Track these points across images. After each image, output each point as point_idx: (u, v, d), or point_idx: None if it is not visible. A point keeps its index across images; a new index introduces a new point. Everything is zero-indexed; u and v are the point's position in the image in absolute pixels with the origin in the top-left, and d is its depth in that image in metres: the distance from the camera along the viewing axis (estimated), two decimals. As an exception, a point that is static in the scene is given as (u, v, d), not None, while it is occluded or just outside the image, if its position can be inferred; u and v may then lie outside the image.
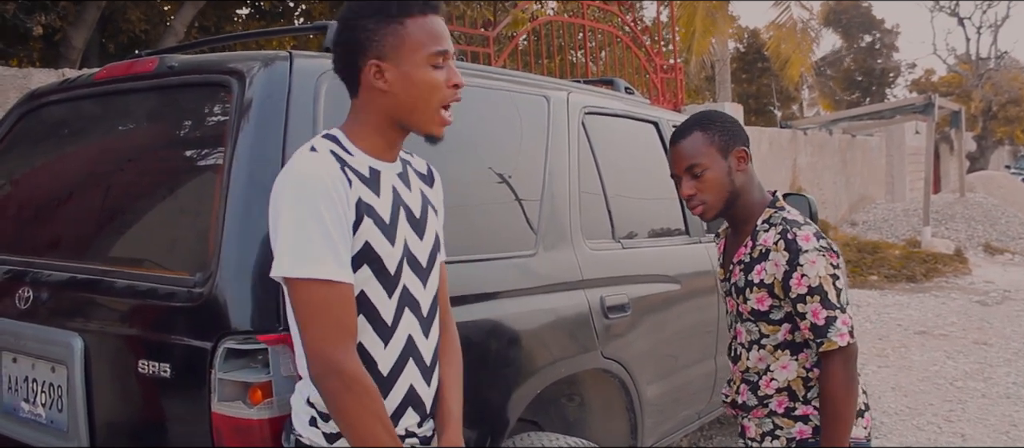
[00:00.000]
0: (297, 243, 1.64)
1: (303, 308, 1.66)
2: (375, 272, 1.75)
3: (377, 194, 1.77)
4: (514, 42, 9.73)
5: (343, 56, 1.80)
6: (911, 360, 7.60)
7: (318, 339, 1.65)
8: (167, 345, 2.17)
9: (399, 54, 1.75)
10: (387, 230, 1.77)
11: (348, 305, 1.68)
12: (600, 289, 3.11)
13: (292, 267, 1.64)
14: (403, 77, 1.76)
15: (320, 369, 1.65)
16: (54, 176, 2.92)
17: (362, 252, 1.73)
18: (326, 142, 1.78)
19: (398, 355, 1.81)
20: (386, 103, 1.78)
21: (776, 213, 2.31)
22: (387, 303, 1.78)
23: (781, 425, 2.32)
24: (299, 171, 1.70)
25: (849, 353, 2.18)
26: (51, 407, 2.48)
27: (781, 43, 19.88)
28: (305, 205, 1.65)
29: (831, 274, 2.19)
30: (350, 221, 1.70)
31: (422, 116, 1.80)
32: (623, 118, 3.78)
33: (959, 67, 36.24)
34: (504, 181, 2.95)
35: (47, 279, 2.57)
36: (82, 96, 2.88)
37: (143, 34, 9.46)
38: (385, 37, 1.75)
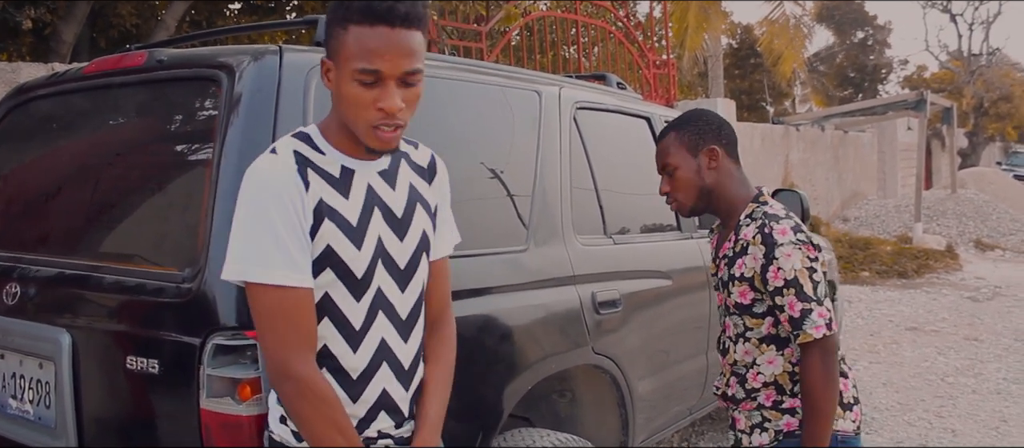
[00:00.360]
0: (246, 246, 1.61)
1: (256, 312, 1.63)
2: (340, 276, 1.70)
3: (346, 196, 1.71)
4: (507, 37, 9.71)
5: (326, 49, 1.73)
6: (902, 356, 7.62)
7: (271, 344, 1.62)
8: (155, 341, 2.15)
9: (337, 60, 1.65)
10: (353, 233, 1.70)
11: (303, 310, 1.64)
12: (591, 285, 3.10)
13: (241, 271, 1.62)
14: (336, 83, 1.67)
15: (274, 374, 1.64)
16: (42, 171, 2.90)
17: (323, 255, 1.68)
18: (293, 142, 1.72)
19: (369, 359, 1.76)
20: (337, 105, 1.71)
21: (758, 208, 2.35)
22: (355, 307, 1.73)
23: (769, 417, 2.36)
24: (252, 174, 1.66)
25: (827, 345, 2.19)
26: (39, 404, 2.46)
27: (774, 39, 19.87)
28: (254, 208, 1.62)
29: (807, 267, 2.21)
30: (306, 224, 1.65)
31: (355, 128, 1.68)
32: (615, 113, 3.77)
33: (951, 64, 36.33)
34: (495, 176, 2.94)
35: (35, 275, 2.55)
36: (71, 90, 2.86)
37: (134, 29, 9.42)
38: (332, 39, 1.66)
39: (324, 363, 1.71)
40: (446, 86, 2.85)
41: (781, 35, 19.66)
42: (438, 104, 2.79)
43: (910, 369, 7.14)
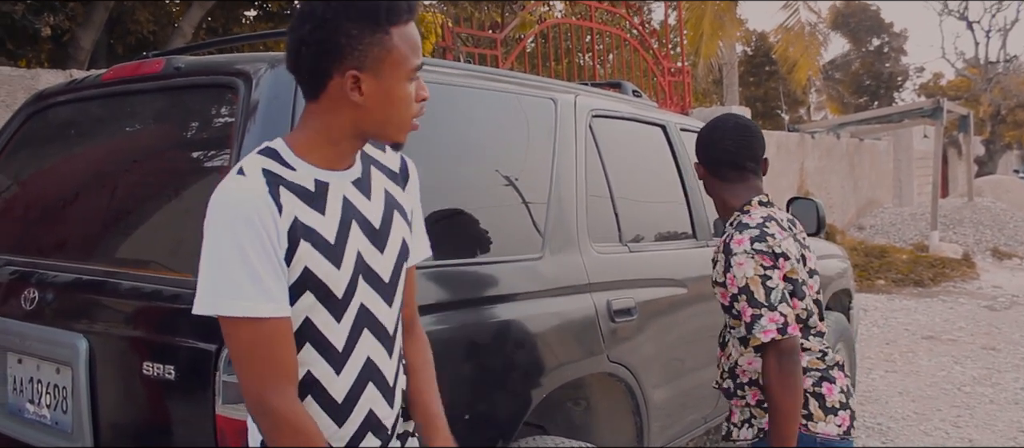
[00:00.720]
0: (217, 278, 1.52)
1: (231, 346, 1.56)
2: (320, 298, 1.62)
3: (321, 211, 1.62)
4: (521, 44, 9.72)
5: (310, 58, 1.57)
6: (918, 365, 7.57)
7: (247, 378, 1.55)
8: (171, 347, 2.16)
9: (381, 68, 1.58)
10: (331, 251, 1.62)
11: (279, 342, 1.56)
12: (606, 293, 3.10)
13: (212, 304, 1.53)
14: (382, 92, 1.60)
15: (251, 408, 1.57)
16: (60, 177, 2.92)
17: (302, 279, 1.59)
18: (260, 159, 1.61)
19: (354, 380, 1.69)
20: (354, 116, 1.61)
21: (737, 216, 2.53)
22: (336, 328, 1.65)
23: (755, 414, 2.53)
24: (220, 199, 1.55)
25: (781, 348, 2.29)
26: (56, 408, 2.47)
27: (789, 46, 19.84)
28: (224, 236, 1.52)
29: (760, 275, 2.33)
30: (281, 249, 1.56)
31: (392, 130, 1.65)
32: (630, 121, 3.76)
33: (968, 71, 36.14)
34: (511, 184, 2.94)
35: (53, 280, 2.56)
36: (89, 97, 2.88)
37: (151, 35, 9.48)
38: (370, 47, 1.56)
39: (309, 390, 1.65)
40: (462, 94, 2.86)
41: (796, 42, 19.62)
42: (454, 112, 2.80)
43: (926, 378, 7.09)
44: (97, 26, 8.05)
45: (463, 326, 2.56)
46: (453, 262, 2.62)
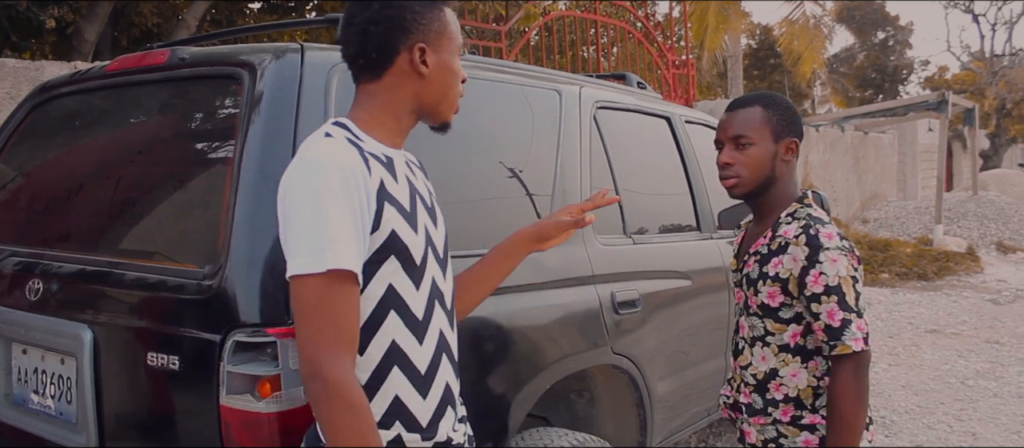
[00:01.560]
0: (316, 236, 1.53)
1: (305, 308, 1.54)
2: (403, 264, 1.67)
3: (396, 180, 1.70)
4: (526, 37, 9.71)
5: (380, 35, 1.70)
6: (922, 358, 7.56)
7: (309, 339, 1.53)
8: (176, 338, 2.16)
9: (441, 41, 1.75)
10: (409, 218, 1.69)
11: (352, 308, 1.57)
12: (611, 284, 3.09)
13: (311, 263, 1.52)
14: (442, 65, 1.75)
15: (305, 371, 1.55)
16: (65, 168, 2.92)
17: (388, 242, 1.64)
18: (337, 129, 1.69)
19: (433, 352, 1.73)
20: (418, 89, 1.75)
21: (801, 208, 2.25)
22: (416, 297, 1.70)
23: (786, 434, 2.24)
24: (316, 158, 1.58)
25: (861, 360, 2.10)
26: (60, 399, 2.48)
27: (793, 39, 19.81)
28: (325, 194, 1.54)
29: (851, 275, 2.12)
30: (372, 212, 1.61)
31: (446, 105, 1.80)
32: (635, 113, 3.76)
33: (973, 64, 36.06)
34: (515, 175, 2.93)
35: (57, 271, 2.57)
36: (93, 88, 2.88)
37: (155, 28, 9.48)
38: (431, 22, 1.74)
39: (395, 360, 1.67)
40: (466, 85, 2.84)
41: (801, 36, 19.59)
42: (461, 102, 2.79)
43: (930, 372, 7.09)
44: (101, 19, 8.06)
45: (468, 317, 2.55)
46: (456, 254, 2.61)
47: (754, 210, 2.38)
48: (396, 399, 1.68)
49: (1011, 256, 15.17)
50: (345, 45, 1.75)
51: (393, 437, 1.67)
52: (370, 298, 1.65)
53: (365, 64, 1.73)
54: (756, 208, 2.36)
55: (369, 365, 1.67)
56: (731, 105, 2.36)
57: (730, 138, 2.30)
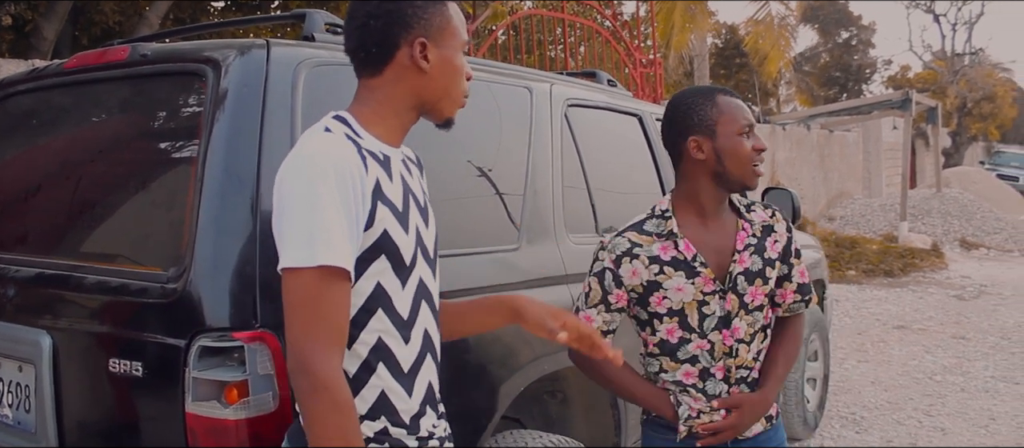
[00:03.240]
0: (310, 230, 1.52)
1: (295, 297, 1.52)
2: (392, 264, 1.66)
3: (391, 180, 1.68)
4: (493, 36, 9.67)
5: (379, 29, 1.68)
6: (890, 354, 7.62)
7: (299, 333, 1.52)
8: (139, 343, 2.10)
9: (443, 36, 1.72)
10: (401, 218, 1.67)
11: (343, 305, 1.57)
12: (584, 284, 3.05)
13: (304, 257, 1.51)
14: (444, 61, 1.72)
15: (293, 364, 1.53)
16: (22, 168, 2.83)
17: (379, 242, 1.63)
18: (336, 123, 1.67)
19: (418, 351, 1.73)
20: (419, 84, 1.72)
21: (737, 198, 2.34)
22: (402, 296, 1.69)
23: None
24: (314, 152, 1.57)
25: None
26: (18, 408, 2.40)
27: (759, 39, 19.93)
28: (320, 189, 1.53)
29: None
30: (366, 210, 1.60)
31: (449, 102, 1.77)
32: (606, 111, 3.73)
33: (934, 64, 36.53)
34: (485, 174, 2.89)
35: (14, 275, 2.49)
36: (52, 86, 2.79)
37: (117, 26, 9.31)
38: (433, 16, 1.71)
39: (380, 358, 1.67)
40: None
41: (766, 35, 19.72)
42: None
43: (898, 367, 7.14)
44: (60, 16, 7.89)
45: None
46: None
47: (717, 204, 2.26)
48: (382, 395, 1.68)
49: (974, 252, 15.39)
50: (346, 39, 1.74)
51: (380, 428, 1.68)
52: (359, 294, 1.64)
53: (365, 58, 1.71)
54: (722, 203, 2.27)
55: (355, 360, 1.66)
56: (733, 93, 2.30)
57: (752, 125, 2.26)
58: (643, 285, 2.23)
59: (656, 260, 2.22)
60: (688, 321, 2.22)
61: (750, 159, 2.20)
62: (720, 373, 2.25)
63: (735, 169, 2.19)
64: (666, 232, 2.24)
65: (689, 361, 2.25)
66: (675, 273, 2.20)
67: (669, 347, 2.26)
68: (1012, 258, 14.84)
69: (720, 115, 2.20)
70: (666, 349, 2.27)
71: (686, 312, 2.22)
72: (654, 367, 2.32)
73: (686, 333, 2.23)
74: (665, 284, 2.21)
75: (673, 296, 2.21)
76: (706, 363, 2.24)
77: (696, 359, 2.24)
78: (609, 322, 2.32)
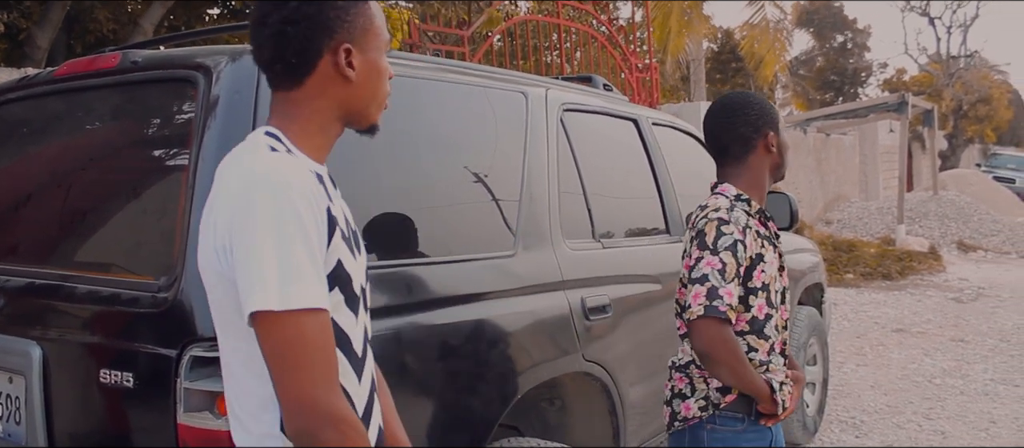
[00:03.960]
0: (286, 266, 1.33)
1: (291, 345, 1.33)
2: (346, 297, 1.49)
3: (332, 201, 1.49)
4: (489, 41, 9.64)
5: (299, 37, 1.49)
6: (889, 358, 7.60)
7: (308, 384, 1.33)
8: (130, 353, 2.07)
9: (367, 38, 1.55)
10: (348, 243, 1.51)
11: (332, 337, 1.40)
12: (581, 290, 3.04)
13: (284, 298, 1.32)
14: (369, 65, 1.55)
15: (311, 421, 1.33)
16: (13, 177, 2.80)
17: (334, 272, 1.46)
18: (272, 140, 1.48)
19: (368, 391, 1.56)
20: (345, 94, 1.54)
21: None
22: (355, 330, 1.53)
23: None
24: (270, 175, 1.38)
25: None
26: (8, 419, 2.37)
27: (755, 43, 19.94)
28: (288, 217, 1.35)
29: None
30: (326, 235, 1.43)
31: (375, 107, 1.60)
32: (602, 115, 3.70)
33: (930, 66, 36.55)
34: (481, 180, 2.87)
35: (4, 285, 2.46)
36: (42, 94, 2.76)
37: (111, 34, 9.26)
38: (356, 17, 1.53)
39: None
40: (429, 87, 2.78)
41: (762, 39, 19.72)
42: (421, 106, 2.72)
43: (897, 371, 7.12)
44: (54, 25, 7.85)
45: (435, 327, 2.49)
46: (423, 261, 2.55)
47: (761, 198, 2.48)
48: None
49: (972, 255, 15.37)
50: (258, 49, 1.53)
51: None
52: None
53: (283, 70, 1.52)
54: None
55: None
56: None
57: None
58: (752, 258, 2.31)
59: (759, 234, 2.36)
60: (771, 296, 2.35)
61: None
62: (779, 346, 2.39)
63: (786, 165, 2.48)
64: (755, 211, 2.39)
65: (769, 338, 2.37)
66: (769, 247, 2.36)
67: (759, 324, 2.35)
68: (1010, 260, 14.82)
69: (779, 116, 2.45)
70: (756, 326, 2.35)
71: (771, 287, 2.36)
72: (744, 348, 2.35)
73: (770, 309, 2.36)
74: (766, 257, 2.34)
75: (768, 269, 2.34)
76: (775, 338, 2.37)
77: (771, 335, 2.37)
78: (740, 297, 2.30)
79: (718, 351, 2.23)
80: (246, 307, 1.34)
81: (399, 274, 2.44)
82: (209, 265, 1.45)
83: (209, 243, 1.44)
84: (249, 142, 1.50)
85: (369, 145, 2.47)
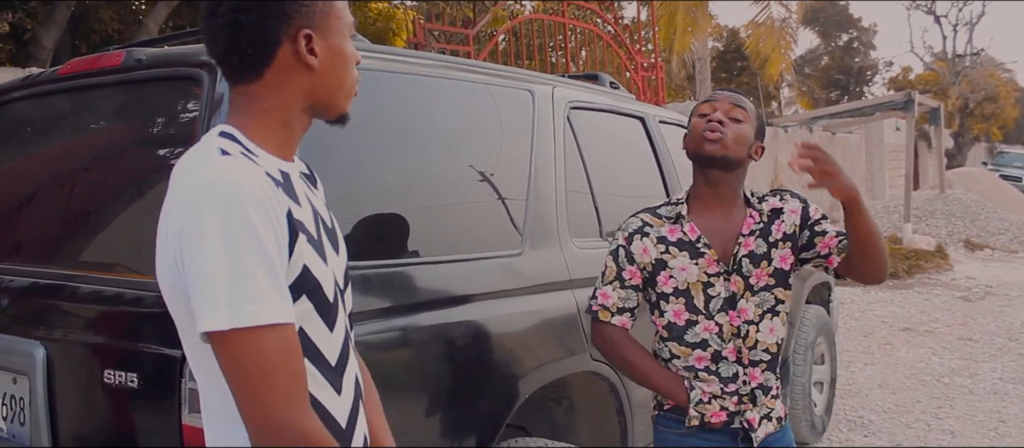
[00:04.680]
0: (236, 281, 1.24)
1: (248, 366, 1.25)
2: (316, 305, 1.40)
3: (298, 203, 1.40)
4: (494, 41, 9.63)
5: (254, 26, 1.39)
6: (897, 357, 7.56)
7: (270, 402, 1.25)
8: (134, 353, 2.05)
9: (328, 22, 1.45)
10: (318, 247, 1.41)
11: (299, 352, 1.32)
12: (588, 289, 3.00)
13: (234, 316, 1.23)
14: (333, 51, 1.45)
15: (275, 441, 1.26)
16: (17, 176, 2.79)
17: (300, 280, 1.36)
18: (226, 142, 1.37)
19: (351, 402, 1.49)
20: (309, 83, 1.44)
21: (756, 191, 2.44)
22: (330, 340, 1.44)
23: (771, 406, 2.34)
24: (220, 181, 1.28)
25: None
26: (12, 420, 2.35)
27: (760, 41, 19.88)
28: (239, 227, 1.25)
29: None
30: (286, 242, 1.33)
31: (343, 95, 1.50)
32: (609, 113, 3.68)
33: (936, 65, 36.48)
34: (487, 178, 2.85)
35: (8, 285, 2.44)
36: (46, 93, 2.75)
37: (116, 34, 9.27)
38: (315, 1, 1.43)
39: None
40: (434, 85, 2.76)
41: (767, 38, 19.66)
42: (426, 104, 2.70)
43: (905, 370, 7.08)
44: (59, 24, 7.86)
45: (440, 326, 2.47)
46: (428, 260, 2.53)
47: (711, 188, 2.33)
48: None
49: (979, 253, 15.31)
50: (211, 42, 1.43)
51: None
52: None
53: (240, 63, 1.41)
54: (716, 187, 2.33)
55: None
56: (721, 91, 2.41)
57: (728, 106, 2.33)
58: (652, 263, 2.32)
59: (663, 240, 2.33)
60: (694, 302, 2.29)
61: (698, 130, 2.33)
62: (732, 354, 2.29)
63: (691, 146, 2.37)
64: (675, 216, 2.35)
65: (700, 345, 2.30)
66: (680, 253, 2.30)
67: (677, 330, 2.31)
68: (1017, 258, 14.76)
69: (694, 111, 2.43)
70: (674, 332, 2.32)
71: (692, 293, 2.29)
72: (665, 353, 2.36)
73: (693, 315, 2.29)
74: (671, 263, 2.30)
75: (678, 275, 2.30)
76: (717, 346, 2.29)
77: (706, 343, 2.29)
78: (624, 299, 2.36)
79: (602, 348, 2.43)
80: (197, 326, 1.27)
81: (404, 273, 2.42)
82: (164, 277, 1.38)
83: (163, 253, 1.37)
84: (202, 144, 1.40)
85: (373, 144, 2.46)
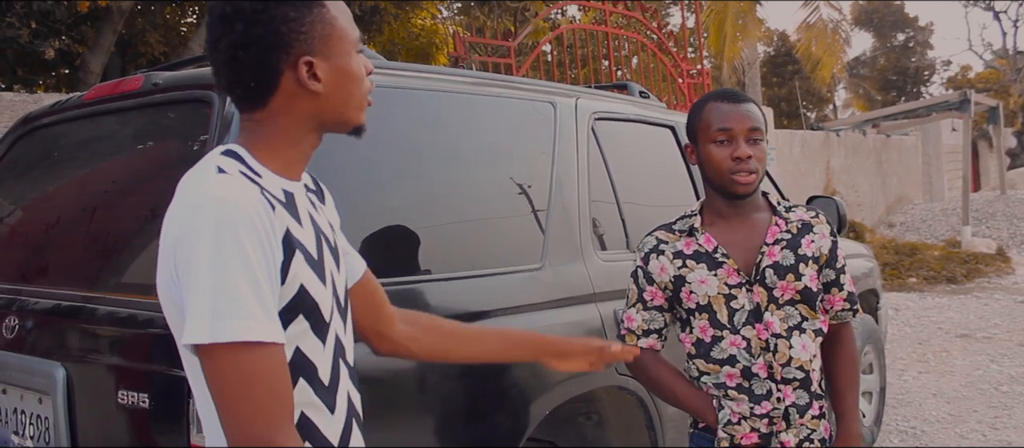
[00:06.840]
0: (220, 297, 1.25)
1: (228, 380, 1.26)
2: (312, 324, 1.41)
3: (300, 222, 1.41)
4: (536, 51, 9.62)
5: (255, 60, 1.40)
6: (953, 365, 7.35)
7: (249, 419, 1.26)
8: (145, 374, 2.07)
9: (328, 46, 1.44)
10: (317, 267, 1.42)
11: (283, 371, 1.31)
12: (613, 302, 2.97)
13: (216, 330, 1.24)
14: (336, 72, 1.45)
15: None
16: (44, 200, 2.85)
17: (297, 299, 1.37)
18: (227, 160, 1.40)
19: (344, 420, 1.48)
20: (314, 107, 1.45)
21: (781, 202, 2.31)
22: (323, 358, 1.44)
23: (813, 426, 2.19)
24: (213, 199, 1.30)
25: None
26: (39, 439, 2.39)
27: (811, 44, 19.62)
28: (227, 244, 1.27)
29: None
30: (278, 262, 1.34)
31: (353, 111, 1.50)
32: (637, 123, 3.63)
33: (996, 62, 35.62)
34: (508, 192, 2.83)
35: (33, 307, 2.48)
36: (72, 118, 2.81)
37: (162, 57, 9.48)
38: (313, 26, 1.42)
39: (306, 436, 1.42)
40: (454, 99, 2.75)
41: (819, 40, 19.39)
42: (447, 118, 2.70)
43: (961, 378, 6.87)
44: (106, 49, 8.05)
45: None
46: (450, 275, 2.52)
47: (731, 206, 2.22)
48: None
49: (1042, 255, 14.87)
50: (216, 76, 1.45)
51: None
52: None
53: (244, 94, 1.44)
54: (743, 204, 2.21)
55: None
56: (731, 97, 2.23)
57: (746, 130, 2.16)
58: (672, 280, 2.23)
59: (679, 254, 2.24)
60: (718, 317, 2.18)
61: (725, 167, 2.15)
62: (763, 371, 2.15)
63: (714, 177, 2.19)
64: (688, 228, 2.26)
65: (727, 362, 2.18)
66: (697, 265, 2.20)
67: (704, 347, 2.21)
68: (1083, 260, 14.31)
69: (700, 122, 2.23)
70: (701, 349, 2.22)
71: (714, 307, 2.18)
72: (693, 371, 2.26)
73: (717, 330, 2.18)
74: (689, 277, 2.20)
75: (698, 289, 2.19)
76: (746, 361, 2.16)
77: (734, 359, 2.17)
78: (649, 320, 2.29)
79: (631, 370, 2.34)
80: (183, 337, 1.29)
81: (426, 288, 2.42)
82: (163, 290, 1.39)
83: (162, 267, 1.38)
84: (203, 161, 1.42)
85: (389, 159, 2.46)
